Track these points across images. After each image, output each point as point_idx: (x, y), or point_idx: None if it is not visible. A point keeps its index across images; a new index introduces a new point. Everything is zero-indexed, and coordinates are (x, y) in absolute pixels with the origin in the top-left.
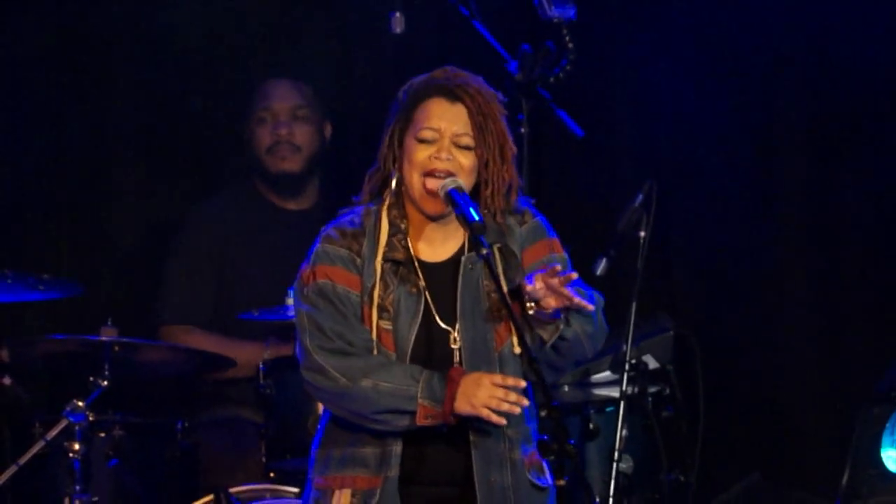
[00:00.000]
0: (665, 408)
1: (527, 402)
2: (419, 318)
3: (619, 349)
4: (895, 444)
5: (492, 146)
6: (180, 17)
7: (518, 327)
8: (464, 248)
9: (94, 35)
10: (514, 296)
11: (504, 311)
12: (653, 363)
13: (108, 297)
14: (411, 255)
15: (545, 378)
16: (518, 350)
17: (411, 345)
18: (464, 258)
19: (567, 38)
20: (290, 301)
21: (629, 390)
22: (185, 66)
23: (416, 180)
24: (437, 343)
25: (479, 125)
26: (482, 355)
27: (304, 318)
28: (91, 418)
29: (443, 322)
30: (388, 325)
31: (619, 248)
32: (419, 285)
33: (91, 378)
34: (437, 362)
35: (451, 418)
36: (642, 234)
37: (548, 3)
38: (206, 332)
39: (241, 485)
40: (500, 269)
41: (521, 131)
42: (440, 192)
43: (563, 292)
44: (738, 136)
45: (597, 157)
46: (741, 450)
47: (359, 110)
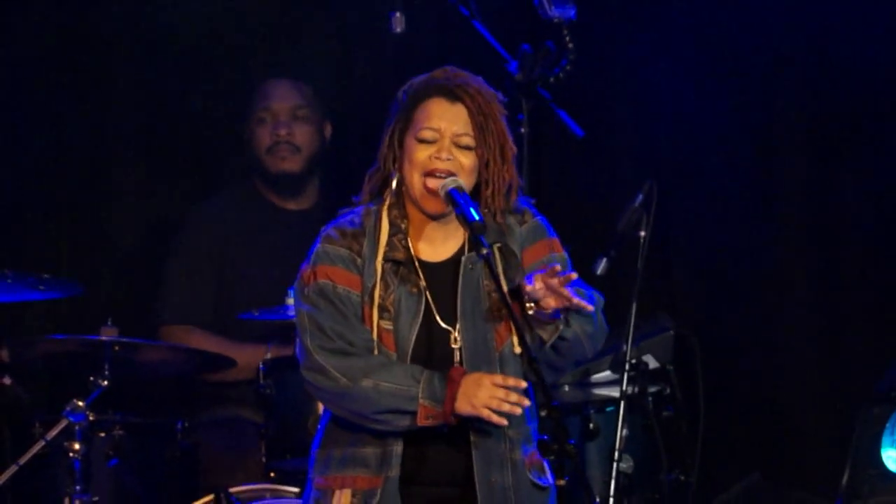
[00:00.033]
0: (665, 408)
1: (528, 402)
2: (420, 318)
3: (619, 349)
4: (895, 444)
5: (492, 146)
6: (180, 17)
7: (518, 327)
8: (464, 247)
9: (94, 35)
10: (514, 296)
11: (504, 310)
12: (653, 363)
13: (108, 297)
14: (412, 254)
15: (545, 378)
16: (518, 350)
17: (412, 345)
18: (464, 258)
19: (567, 38)
20: (290, 301)
21: (629, 390)
22: (185, 66)
23: (417, 180)
24: (437, 343)
25: (480, 125)
26: (482, 355)
27: (304, 318)
28: (91, 418)
29: (443, 322)
30: (388, 325)
31: (619, 248)
32: (420, 285)
33: (91, 378)
34: (438, 362)
35: (452, 418)
36: (642, 234)
37: (548, 3)
38: (206, 332)
39: (241, 485)
40: (500, 268)
41: (521, 131)
42: (440, 192)
43: (563, 292)
44: (738, 136)
45: (597, 157)
46: (741, 450)
47: (359, 110)
